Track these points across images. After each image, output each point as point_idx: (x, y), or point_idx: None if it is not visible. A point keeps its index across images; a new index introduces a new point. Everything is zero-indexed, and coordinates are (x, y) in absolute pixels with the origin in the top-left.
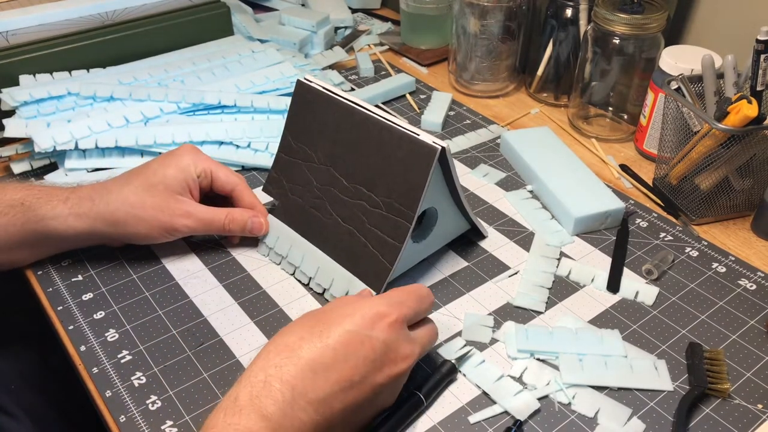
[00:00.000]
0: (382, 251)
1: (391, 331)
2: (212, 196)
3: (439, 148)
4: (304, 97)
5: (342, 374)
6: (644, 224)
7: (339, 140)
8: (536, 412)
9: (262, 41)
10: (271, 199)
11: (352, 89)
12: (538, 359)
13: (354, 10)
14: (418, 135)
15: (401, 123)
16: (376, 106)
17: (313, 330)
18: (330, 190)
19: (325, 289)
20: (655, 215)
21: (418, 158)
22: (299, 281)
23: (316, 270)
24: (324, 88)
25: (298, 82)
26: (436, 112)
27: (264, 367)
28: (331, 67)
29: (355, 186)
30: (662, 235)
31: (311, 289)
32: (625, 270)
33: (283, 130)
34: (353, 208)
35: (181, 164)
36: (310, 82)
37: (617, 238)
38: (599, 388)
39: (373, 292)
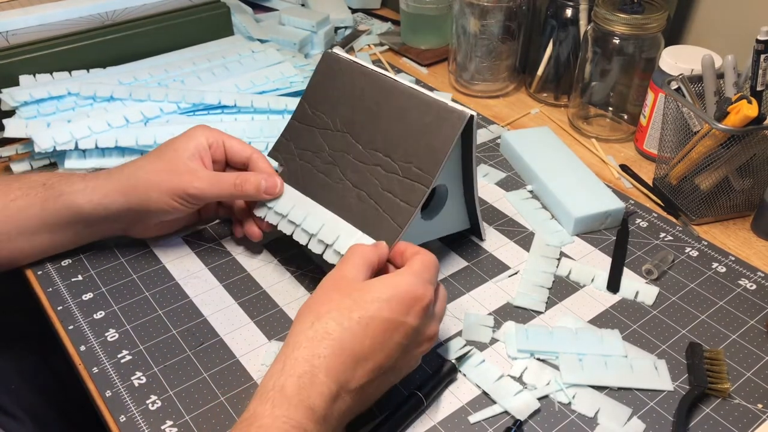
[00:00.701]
0: (393, 214)
1: (423, 315)
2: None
3: (469, 114)
4: (330, 66)
5: (377, 362)
6: (644, 224)
7: (360, 107)
8: (536, 412)
9: (262, 41)
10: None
11: None
12: (538, 359)
13: (354, 10)
14: (447, 102)
15: (428, 92)
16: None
17: (351, 317)
18: (344, 155)
19: (327, 246)
20: (655, 215)
21: (446, 123)
22: (296, 240)
23: (320, 227)
24: (352, 59)
25: (326, 52)
26: None
27: (308, 358)
28: None
29: (371, 151)
30: (662, 235)
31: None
32: (625, 270)
33: (300, 100)
34: (366, 172)
35: (192, 135)
36: (339, 54)
37: (617, 238)
38: (599, 388)
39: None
